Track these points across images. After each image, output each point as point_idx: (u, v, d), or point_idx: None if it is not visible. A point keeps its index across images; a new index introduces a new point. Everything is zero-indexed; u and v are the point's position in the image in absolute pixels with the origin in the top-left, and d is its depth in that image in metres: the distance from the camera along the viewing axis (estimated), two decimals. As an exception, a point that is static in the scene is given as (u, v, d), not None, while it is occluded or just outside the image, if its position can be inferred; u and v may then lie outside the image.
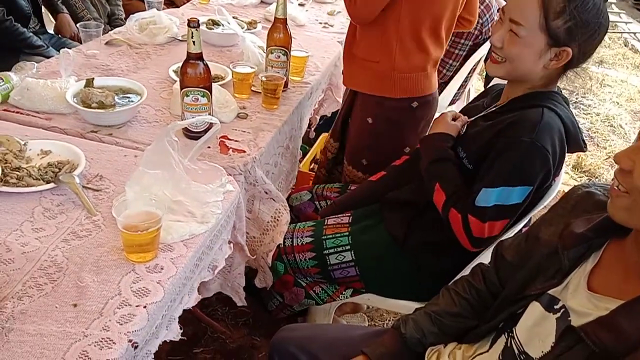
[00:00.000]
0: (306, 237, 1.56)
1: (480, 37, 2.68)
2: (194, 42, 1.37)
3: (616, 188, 0.83)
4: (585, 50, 1.27)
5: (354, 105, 1.89)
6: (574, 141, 1.31)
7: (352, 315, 1.98)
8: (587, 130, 4.08)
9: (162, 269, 0.99)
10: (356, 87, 1.85)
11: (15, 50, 2.40)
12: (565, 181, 3.30)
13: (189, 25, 1.34)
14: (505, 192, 1.25)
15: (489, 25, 2.67)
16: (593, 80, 4.99)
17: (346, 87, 1.86)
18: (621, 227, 0.88)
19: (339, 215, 1.61)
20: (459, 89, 2.88)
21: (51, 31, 2.71)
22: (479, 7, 2.63)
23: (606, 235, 0.92)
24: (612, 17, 7.54)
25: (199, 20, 1.35)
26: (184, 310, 1.07)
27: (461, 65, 2.76)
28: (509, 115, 1.31)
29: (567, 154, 1.33)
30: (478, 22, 2.63)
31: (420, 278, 1.48)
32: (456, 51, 2.71)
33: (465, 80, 2.84)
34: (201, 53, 1.40)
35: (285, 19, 1.77)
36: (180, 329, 1.01)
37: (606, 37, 1.17)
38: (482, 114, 1.43)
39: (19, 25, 2.39)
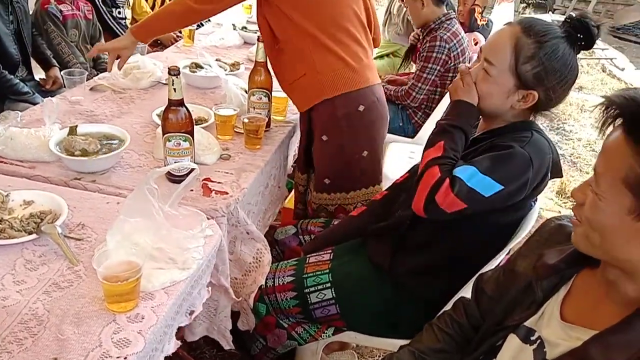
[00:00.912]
0: (287, 276, 1.57)
1: (449, 62, 2.76)
2: (174, 89, 1.40)
3: (575, 219, 0.90)
4: (553, 96, 1.33)
5: (311, 134, 1.93)
6: (555, 167, 1.36)
7: (341, 353, 1.97)
8: (570, 156, 4.15)
9: (142, 318, 1.00)
10: (306, 105, 1.87)
11: (1, 96, 2.43)
12: (549, 207, 3.34)
13: (169, 73, 1.38)
14: (483, 180, 1.27)
15: (457, 50, 2.76)
16: (573, 106, 5.09)
17: (301, 112, 1.91)
18: (591, 258, 0.91)
19: (320, 253, 1.63)
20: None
21: (38, 78, 2.75)
22: (446, 34, 2.74)
23: (577, 266, 0.95)
24: (589, 44, 7.66)
25: (179, 68, 1.39)
26: (172, 354, 1.07)
27: (436, 88, 2.82)
28: (495, 139, 1.36)
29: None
30: (445, 48, 2.72)
31: (404, 308, 1.49)
32: (424, 75, 2.80)
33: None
34: (182, 99, 1.43)
35: (266, 62, 1.82)
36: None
37: (584, 63, 1.21)
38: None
39: (7, 72, 2.42)
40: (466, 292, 1.34)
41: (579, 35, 1.30)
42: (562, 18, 1.37)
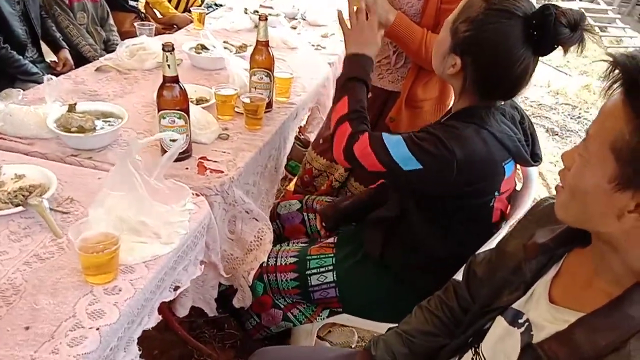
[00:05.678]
0: (290, 257, 1.55)
1: None
2: (168, 65, 1.38)
3: (559, 185, 0.84)
4: (479, 76, 1.23)
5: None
6: (518, 156, 1.28)
7: (342, 330, 1.95)
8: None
9: (120, 290, 0.99)
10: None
11: (11, 77, 2.46)
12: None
13: (163, 50, 1.36)
14: (404, 154, 1.21)
15: None
16: (595, 95, 4.95)
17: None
18: (582, 237, 0.86)
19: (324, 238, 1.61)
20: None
21: (49, 60, 2.77)
22: None
23: (567, 245, 0.91)
24: (616, 32, 7.50)
25: (172, 45, 1.37)
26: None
27: None
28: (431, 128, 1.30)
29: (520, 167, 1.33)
30: None
31: (402, 297, 1.46)
32: None
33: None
34: (177, 76, 1.41)
35: (267, 42, 1.79)
36: (144, 352, 1.00)
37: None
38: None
39: (15, 53, 2.45)
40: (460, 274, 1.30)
41: (532, 31, 1.13)
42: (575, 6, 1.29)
